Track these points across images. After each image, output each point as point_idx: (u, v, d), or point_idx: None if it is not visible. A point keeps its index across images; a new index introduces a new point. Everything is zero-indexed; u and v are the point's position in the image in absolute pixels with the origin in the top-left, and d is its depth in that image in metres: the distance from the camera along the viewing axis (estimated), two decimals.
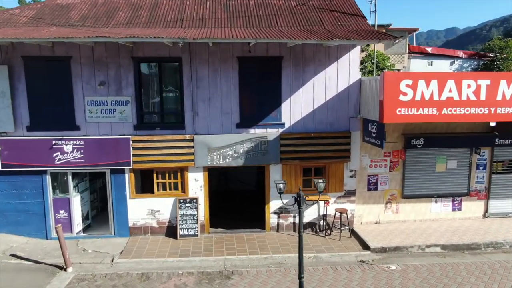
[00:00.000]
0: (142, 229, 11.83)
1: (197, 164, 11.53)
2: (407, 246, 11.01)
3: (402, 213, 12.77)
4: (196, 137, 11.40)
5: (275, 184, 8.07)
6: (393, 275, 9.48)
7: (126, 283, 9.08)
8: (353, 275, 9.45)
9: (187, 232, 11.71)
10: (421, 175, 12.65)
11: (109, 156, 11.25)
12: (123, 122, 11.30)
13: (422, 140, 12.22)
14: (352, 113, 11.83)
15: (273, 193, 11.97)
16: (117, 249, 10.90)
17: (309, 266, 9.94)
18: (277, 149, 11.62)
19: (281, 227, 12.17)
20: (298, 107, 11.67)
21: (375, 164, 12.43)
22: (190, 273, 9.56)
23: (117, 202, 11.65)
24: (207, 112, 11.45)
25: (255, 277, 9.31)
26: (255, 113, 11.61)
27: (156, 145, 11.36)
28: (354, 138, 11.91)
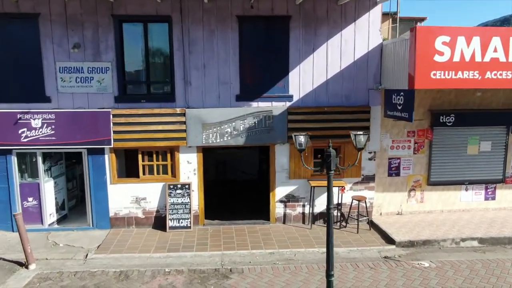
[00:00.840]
0: (125, 220, 10.07)
1: (189, 143, 9.77)
2: (439, 239, 9.26)
3: (428, 202, 11.02)
4: (188, 111, 9.64)
5: (295, 137, 6.29)
6: (427, 273, 7.73)
7: (99, 283, 7.33)
8: (379, 274, 7.70)
9: (178, 223, 9.95)
10: (450, 158, 10.91)
11: (85, 133, 9.50)
12: (102, 92, 9.54)
13: (452, 116, 10.48)
14: (372, 84, 10.08)
15: (279, 178, 10.23)
16: (94, 243, 9.15)
17: (325, 263, 8.16)
18: (284, 125, 9.87)
19: (288, 218, 10.41)
20: (309, 77, 9.92)
21: (397, 145, 10.69)
22: (179, 271, 7.81)
23: (95, 188, 9.90)
24: (202, 81, 9.70)
25: (258, 276, 7.56)
26: (258, 83, 9.87)
27: (141, 120, 9.60)
28: (373, 114, 10.17)
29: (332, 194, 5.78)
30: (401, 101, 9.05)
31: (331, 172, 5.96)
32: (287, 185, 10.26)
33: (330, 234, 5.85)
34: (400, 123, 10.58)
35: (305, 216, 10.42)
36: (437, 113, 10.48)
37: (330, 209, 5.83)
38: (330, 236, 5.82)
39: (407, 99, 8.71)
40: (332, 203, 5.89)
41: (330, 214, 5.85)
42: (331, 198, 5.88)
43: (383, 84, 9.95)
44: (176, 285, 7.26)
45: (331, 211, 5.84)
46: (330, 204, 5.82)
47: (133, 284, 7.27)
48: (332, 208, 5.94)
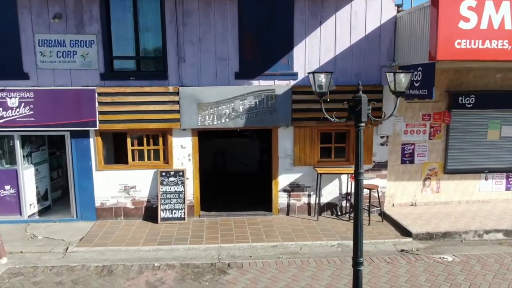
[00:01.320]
0: (112, 210, 9.13)
1: (183, 125, 8.83)
2: (460, 231, 8.34)
3: (444, 192, 10.08)
4: (182, 89, 8.70)
5: (313, 76, 5.22)
6: (452, 268, 6.80)
7: (77, 279, 6.39)
8: (397, 269, 6.77)
9: (171, 214, 9.01)
10: (469, 144, 9.99)
11: (68, 114, 8.56)
12: (86, 69, 8.61)
13: (473, 97, 9.57)
14: (385, 61, 9.15)
15: (282, 165, 9.29)
16: (77, 236, 8.21)
17: (335, 257, 7.27)
18: (288, 106, 8.93)
19: (292, 209, 9.47)
20: (315, 53, 8.98)
21: (411, 129, 9.76)
22: (170, 265, 6.87)
23: (79, 175, 8.96)
24: (197, 57, 8.76)
25: (260, 272, 6.63)
26: (259, 60, 8.93)
27: (130, 99, 8.66)
28: (386, 94, 9.20)
29: (361, 154, 4.63)
30: (419, 77, 8.11)
31: (361, 125, 4.90)
32: (291, 173, 9.32)
33: (359, 207, 4.73)
34: (414, 106, 9.67)
35: (311, 207, 9.48)
36: (456, 94, 9.58)
37: (359, 174, 4.72)
38: (358, 210, 4.72)
39: (427, 73, 7.78)
40: (361, 167, 4.76)
41: (360, 181, 4.75)
42: (361, 159, 4.73)
43: (397, 61, 9.02)
44: (166, 281, 6.32)
45: (361, 180, 4.70)
46: (360, 167, 4.68)
47: (116, 281, 6.33)
48: (361, 173, 4.80)
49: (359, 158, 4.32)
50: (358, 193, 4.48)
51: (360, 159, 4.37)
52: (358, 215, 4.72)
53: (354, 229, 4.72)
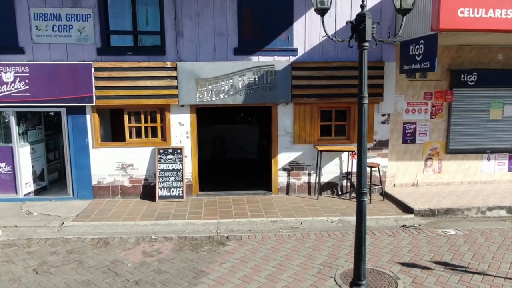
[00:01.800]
0: (109, 189, 8.98)
1: (181, 101, 8.69)
2: (463, 208, 8.20)
3: (446, 173, 9.95)
4: (180, 64, 8.56)
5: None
6: (455, 240, 6.66)
7: (72, 249, 6.24)
8: (399, 241, 6.63)
9: (169, 192, 8.86)
10: (471, 124, 9.86)
11: (64, 89, 8.42)
12: (82, 43, 8.46)
13: (475, 75, 9.45)
14: (386, 36, 8.96)
15: (282, 143, 9.15)
16: (73, 212, 8.07)
17: (336, 231, 7.12)
18: (288, 82, 8.79)
19: (292, 188, 9.33)
20: (316, 28, 8.84)
21: (412, 108, 9.62)
22: (167, 238, 6.72)
23: (76, 152, 8.81)
24: (195, 32, 8.61)
25: (260, 243, 6.48)
26: (258, 35, 8.79)
27: (127, 74, 8.52)
28: (388, 71, 9.10)
29: (365, 77, 4.20)
30: (421, 50, 7.98)
31: (365, 45, 4.46)
32: (291, 151, 9.18)
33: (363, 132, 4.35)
34: (416, 84, 9.54)
35: (311, 186, 9.35)
36: (458, 72, 9.44)
37: (363, 97, 4.33)
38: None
39: (429, 45, 7.64)
40: (364, 90, 4.41)
41: (363, 106, 4.35)
42: (364, 83, 4.18)
43: (399, 36, 8.85)
44: (163, 251, 6.17)
45: (364, 100, 4.33)
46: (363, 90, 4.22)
47: (112, 251, 6.18)
48: (365, 96, 4.44)
49: (363, 82, 3.91)
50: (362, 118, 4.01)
51: (364, 83, 3.96)
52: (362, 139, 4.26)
53: (357, 155, 4.17)
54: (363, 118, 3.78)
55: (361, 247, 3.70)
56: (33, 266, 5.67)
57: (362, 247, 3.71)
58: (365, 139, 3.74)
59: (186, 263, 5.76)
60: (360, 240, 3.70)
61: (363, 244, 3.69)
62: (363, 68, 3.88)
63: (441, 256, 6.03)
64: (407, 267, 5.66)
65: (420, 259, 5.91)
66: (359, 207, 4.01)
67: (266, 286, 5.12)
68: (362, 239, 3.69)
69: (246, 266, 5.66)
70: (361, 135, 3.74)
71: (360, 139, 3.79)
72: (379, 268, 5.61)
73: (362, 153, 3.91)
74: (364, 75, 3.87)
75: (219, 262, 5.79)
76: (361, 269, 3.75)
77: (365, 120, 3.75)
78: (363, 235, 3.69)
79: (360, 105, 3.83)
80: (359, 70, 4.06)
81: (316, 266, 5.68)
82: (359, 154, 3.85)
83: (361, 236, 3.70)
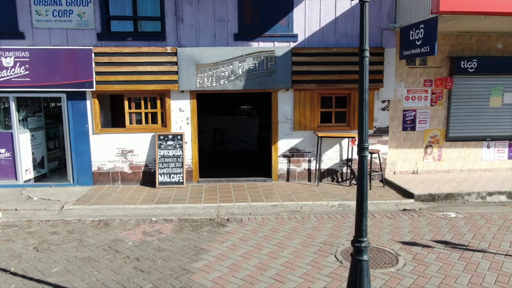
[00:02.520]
0: (109, 175, 8.98)
1: (182, 87, 8.68)
2: (463, 193, 8.21)
3: (446, 160, 9.96)
4: (180, 50, 8.55)
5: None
6: (455, 222, 6.67)
7: (72, 230, 6.24)
8: (399, 223, 6.63)
9: (169, 178, 8.86)
10: (471, 111, 9.87)
11: (64, 75, 8.41)
12: (83, 28, 8.45)
13: (475, 62, 9.46)
14: (386, 23, 9.01)
15: (282, 129, 9.15)
16: (73, 197, 8.06)
17: (336, 214, 7.12)
18: (288, 68, 8.79)
19: (292, 175, 9.33)
20: (316, 14, 8.84)
21: (412, 95, 9.63)
22: (168, 220, 6.72)
23: (76, 138, 8.81)
24: (195, 18, 8.60)
25: (260, 225, 6.49)
26: (258, 21, 8.79)
27: (127, 59, 8.51)
28: (388, 58, 9.09)
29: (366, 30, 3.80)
30: (421, 35, 7.98)
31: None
32: (291, 138, 9.18)
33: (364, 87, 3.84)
34: (416, 71, 9.54)
35: (311, 172, 9.35)
36: (458, 58, 9.45)
37: (364, 51, 3.77)
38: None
39: (429, 29, 7.64)
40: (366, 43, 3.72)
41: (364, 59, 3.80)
42: (365, 35, 3.74)
43: (399, 22, 8.88)
44: (164, 231, 6.17)
45: (365, 54, 3.77)
46: (364, 44, 3.74)
47: (112, 231, 6.18)
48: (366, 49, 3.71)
49: (364, 34, 3.65)
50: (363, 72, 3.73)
51: (365, 35, 3.66)
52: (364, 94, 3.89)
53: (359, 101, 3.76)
54: (364, 73, 3.66)
55: (362, 202, 3.68)
56: (33, 244, 5.66)
57: (364, 203, 3.68)
58: (366, 94, 3.66)
59: (186, 242, 5.76)
60: (362, 195, 3.67)
61: (364, 200, 3.66)
62: (364, 19, 3.71)
63: (441, 236, 6.04)
64: (407, 245, 5.67)
65: (420, 239, 5.92)
66: (361, 161, 3.71)
67: (267, 262, 5.12)
68: (364, 194, 3.66)
69: (247, 244, 5.66)
70: (362, 89, 3.61)
71: (361, 90, 3.62)
72: (380, 246, 5.61)
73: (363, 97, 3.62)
74: (365, 27, 3.69)
75: (220, 241, 5.79)
76: (363, 226, 3.74)
77: (366, 75, 3.65)
78: (364, 189, 3.65)
79: (361, 59, 3.71)
80: (361, 21, 3.86)
81: (316, 244, 5.68)
82: (361, 100, 3.63)
83: (363, 190, 3.67)
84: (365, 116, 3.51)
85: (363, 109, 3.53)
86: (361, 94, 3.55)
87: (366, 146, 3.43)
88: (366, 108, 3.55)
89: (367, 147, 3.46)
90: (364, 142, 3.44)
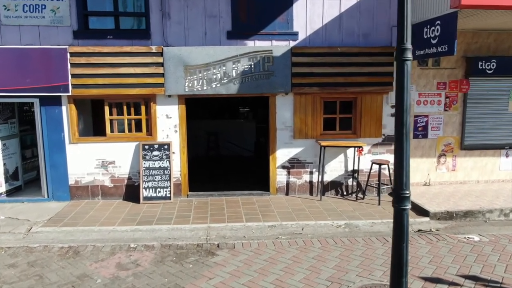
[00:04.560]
0: (88, 189, 8.05)
1: (168, 90, 7.76)
2: (484, 210, 7.31)
3: (461, 171, 9.06)
4: (167, 49, 7.63)
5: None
6: (481, 248, 5.76)
7: (35, 260, 5.31)
8: (417, 250, 5.73)
9: (155, 193, 7.94)
10: (488, 117, 8.98)
11: (36, 77, 7.49)
12: (57, 25, 7.52)
13: (494, 62, 8.56)
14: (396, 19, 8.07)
15: (281, 137, 8.24)
16: (45, 216, 7.14)
17: (343, 238, 6.21)
18: (287, 70, 7.88)
19: (292, 188, 8.42)
20: (318, 10, 7.94)
21: (424, 99, 8.73)
22: (148, 246, 5.80)
23: (51, 148, 7.89)
24: (184, 14, 7.69)
25: (255, 253, 5.57)
26: (254, 17, 7.88)
27: (107, 60, 7.58)
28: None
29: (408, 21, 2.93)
30: (437, 32, 7.07)
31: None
32: (291, 147, 8.27)
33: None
34: (428, 73, 8.64)
35: (313, 185, 8.44)
36: (475, 59, 8.55)
37: (404, 49, 3.05)
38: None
39: (447, 26, 6.74)
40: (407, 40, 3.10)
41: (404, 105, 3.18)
42: (407, 28, 3.02)
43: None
44: (142, 263, 5.25)
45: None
46: (405, 40, 3.01)
47: (81, 262, 5.26)
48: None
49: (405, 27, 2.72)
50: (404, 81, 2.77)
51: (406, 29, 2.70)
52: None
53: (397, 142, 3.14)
54: (405, 82, 2.72)
55: (401, 278, 2.70)
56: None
57: (403, 279, 2.71)
58: (407, 115, 2.75)
59: (167, 278, 4.85)
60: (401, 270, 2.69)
61: (404, 276, 2.68)
62: (405, 6, 2.75)
63: (468, 269, 5.13)
64: (431, 282, 4.76)
65: (444, 273, 5.01)
66: (399, 219, 2.78)
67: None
68: (403, 266, 2.67)
69: (239, 282, 4.75)
70: (402, 109, 2.70)
71: (401, 115, 2.71)
72: None
73: (403, 138, 2.81)
74: (406, 14, 2.69)
75: (207, 277, 4.87)
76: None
77: (407, 84, 2.70)
78: (404, 259, 2.65)
79: (400, 62, 2.73)
80: (399, 8, 2.91)
81: (322, 282, 4.77)
82: (399, 140, 2.78)
83: (401, 262, 2.67)
84: (406, 146, 2.59)
85: (403, 137, 2.61)
86: (399, 114, 2.68)
87: (407, 194, 2.50)
88: (407, 136, 2.61)
89: (408, 196, 2.54)
90: (405, 189, 2.51)
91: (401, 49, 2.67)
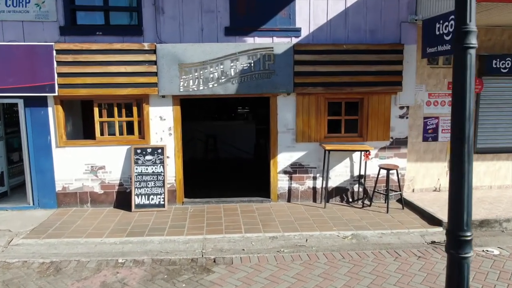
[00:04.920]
0: (77, 196, 7.53)
1: (162, 91, 7.25)
2: (500, 219, 6.81)
3: (473, 175, 8.49)
4: (160, 46, 7.11)
5: None
6: (502, 264, 5.25)
7: (11, 279, 4.80)
8: (432, 265, 5.21)
9: (148, 200, 7.43)
10: (502, 118, 8.48)
11: (20, 76, 6.97)
12: (42, 21, 7.01)
13: (509, 61, 8.05)
14: (405, 15, 7.59)
15: (282, 141, 7.72)
16: (28, 226, 6.62)
17: (350, 251, 5.70)
18: (289, 68, 7.36)
19: (294, 194, 7.91)
20: (322, 4, 7.42)
21: (434, 100, 8.22)
22: (138, 261, 5.29)
23: (36, 152, 7.37)
24: (179, 8, 7.17)
25: (255, 269, 5.06)
26: (254, 12, 7.36)
27: (96, 58, 7.07)
28: (407, 56, 7.67)
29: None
30: (451, 28, 6.56)
31: None
32: (293, 151, 7.76)
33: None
34: (439, 72, 8.14)
35: (317, 191, 7.93)
36: (489, 57, 8.05)
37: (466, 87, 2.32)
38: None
39: None
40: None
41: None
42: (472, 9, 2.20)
43: (421, 14, 7.47)
44: (129, 282, 4.73)
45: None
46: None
47: (62, 281, 4.74)
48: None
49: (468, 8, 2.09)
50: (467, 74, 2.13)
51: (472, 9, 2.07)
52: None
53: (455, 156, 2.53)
54: (467, 78, 2.03)
55: None
56: None
57: None
58: (470, 125, 2.19)
59: None
60: None
61: None
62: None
63: None
64: None
65: None
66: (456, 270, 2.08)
67: None
68: None
69: None
70: (464, 117, 2.05)
71: (462, 126, 2.06)
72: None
73: (464, 158, 2.14)
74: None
75: None
76: None
77: (471, 81, 2.07)
78: None
79: (461, 51, 2.01)
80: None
81: None
82: (459, 160, 2.13)
83: None
84: (467, 169, 2.06)
85: (464, 157, 2.06)
86: (459, 124, 2.20)
87: (468, 237, 1.98)
88: (470, 155, 2.04)
89: (470, 240, 2.03)
90: (466, 230, 2.01)
91: (462, 32, 1.96)
